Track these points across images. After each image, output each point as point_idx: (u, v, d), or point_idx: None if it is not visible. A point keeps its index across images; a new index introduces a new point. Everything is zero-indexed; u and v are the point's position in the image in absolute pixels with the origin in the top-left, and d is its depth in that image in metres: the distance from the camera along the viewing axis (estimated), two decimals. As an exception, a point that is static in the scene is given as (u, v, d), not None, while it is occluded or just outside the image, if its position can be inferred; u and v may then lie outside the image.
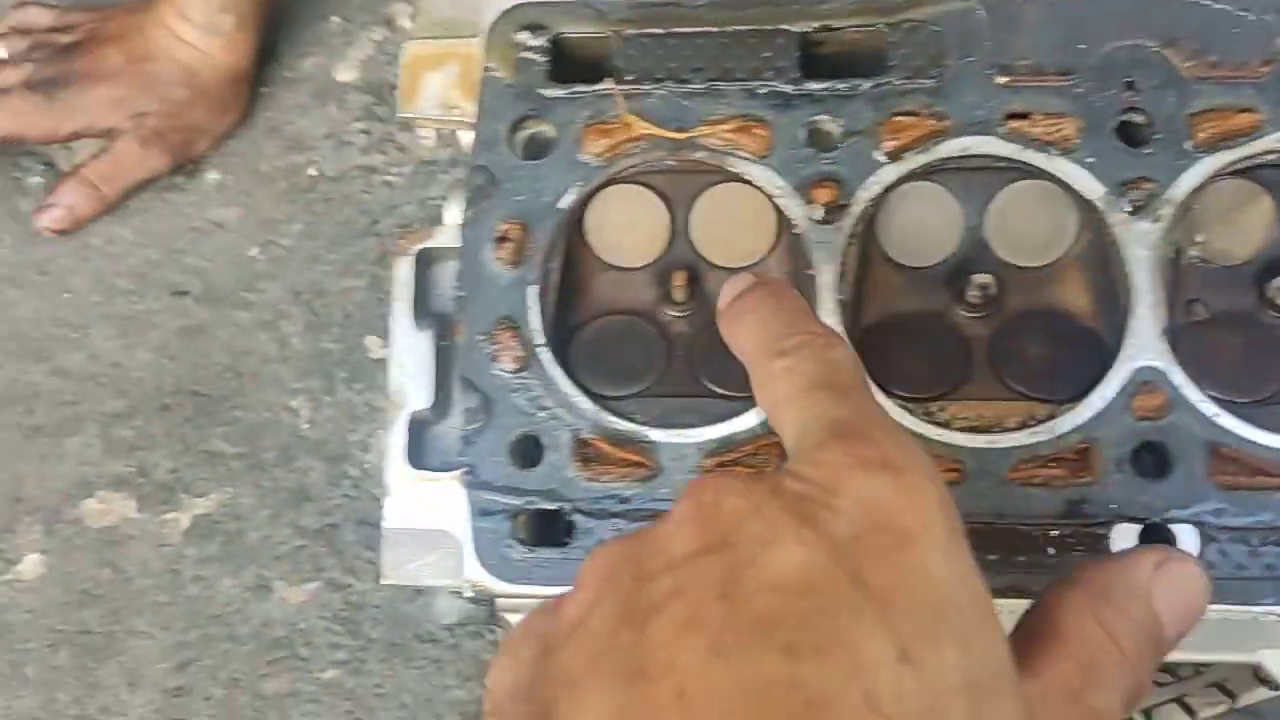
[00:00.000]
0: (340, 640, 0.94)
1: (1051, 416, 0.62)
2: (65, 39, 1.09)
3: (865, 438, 0.40)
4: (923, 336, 0.65)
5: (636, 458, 0.62)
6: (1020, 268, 0.66)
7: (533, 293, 0.64)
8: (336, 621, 0.95)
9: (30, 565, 0.98)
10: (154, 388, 1.03)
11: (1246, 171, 0.64)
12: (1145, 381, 0.61)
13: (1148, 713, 0.90)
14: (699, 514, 0.39)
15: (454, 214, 0.71)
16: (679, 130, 0.66)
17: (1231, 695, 0.86)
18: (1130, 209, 0.62)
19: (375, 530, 0.95)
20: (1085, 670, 0.41)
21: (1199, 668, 0.80)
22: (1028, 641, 0.41)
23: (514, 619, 0.65)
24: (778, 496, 0.38)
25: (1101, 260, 0.64)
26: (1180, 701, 0.87)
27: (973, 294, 0.65)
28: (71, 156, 1.12)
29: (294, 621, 0.95)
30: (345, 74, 1.14)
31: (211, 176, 1.11)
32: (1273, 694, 0.79)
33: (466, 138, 0.73)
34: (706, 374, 0.65)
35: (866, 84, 0.65)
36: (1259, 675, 0.66)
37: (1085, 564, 0.46)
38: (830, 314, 0.63)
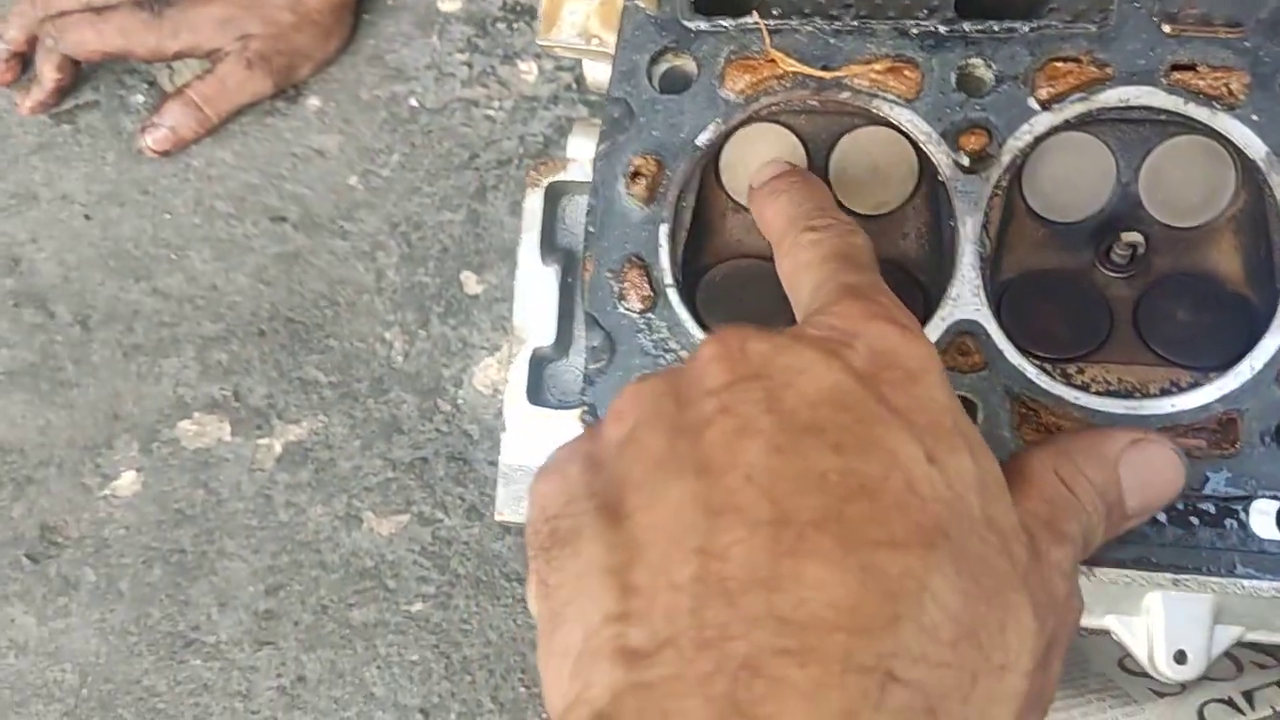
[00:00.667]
0: (428, 574, 0.95)
1: (1196, 385, 0.60)
2: (174, -43, 1.09)
3: (875, 300, 0.48)
4: (1064, 295, 0.64)
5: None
6: (1172, 228, 0.64)
7: (664, 231, 0.63)
8: (425, 555, 0.96)
9: (126, 482, 0.99)
10: (250, 313, 1.04)
11: None
12: (1302, 353, 0.59)
13: (1249, 695, 0.88)
14: (727, 354, 0.45)
15: (578, 147, 0.70)
16: (825, 69, 0.64)
17: (1341, 681, 0.84)
18: (1301, 171, 0.60)
19: (466, 466, 0.96)
20: (1050, 506, 0.48)
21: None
22: (1006, 481, 0.47)
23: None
24: (800, 339, 0.45)
25: (1259, 224, 0.62)
26: (1284, 685, 0.85)
27: (1120, 252, 0.63)
28: (175, 77, 1.12)
29: (382, 553, 0.96)
30: (448, 3, 1.13)
31: (313, 103, 1.11)
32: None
33: (593, 71, 0.72)
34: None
35: (1025, 26, 0.63)
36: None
37: (1067, 432, 0.54)
38: (970, 266, 0.61)
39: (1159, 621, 0.60)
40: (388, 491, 0.97)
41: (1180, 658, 0.64)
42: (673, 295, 0.63)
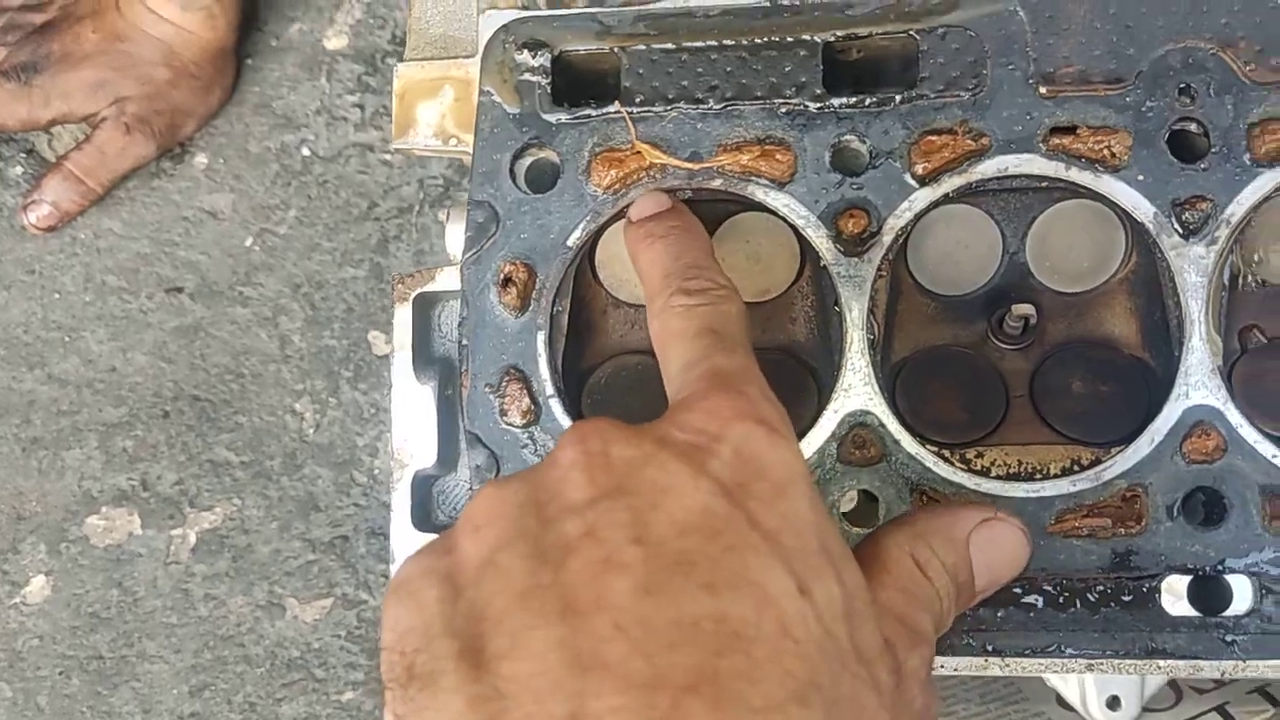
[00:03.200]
0: (356, 660, 0.96)
1: (1097, 461, 0.60)
2: (39, 18, 1.07)
3: (743, 393, 0.47)
4: (960, 373, 0.64)
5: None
6: (1063, 294, 0.64)
7: (541, 340, 0.63)
8: (351, 640, 0.96)
9: (36, 588, 0.99)
10: (152, 394, 1.03)
11: (1312, 186, 0.61)
12: (1198, 422, 0.59)
13: (1191, 722, 0.90)
14: (589, 461, 0.44)
15: (456, 239, 0.70)
16: (694, 158, 0.64)
17: (1274, 702, 0.86)
18: (1184, 231, 0.60)
19: (387, 541, 0.96)
20: (905, 596, 0.49)
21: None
22: (863, 566, 0.48)
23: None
24: (666, 446, 0.44)
25: (1152, 286, 0.62)
26: (1221, 710, 0.87)
27: (1012, 324, 0.63)
28: (54, 142, 1.11)
29: (308, 641, 0.96)
30: (334, 40, 1.12)
31: (200, 160, 1.10)
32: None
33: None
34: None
35: (897, 98, 0.63)
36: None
37: (920, 509, 0.56)
38: (859, 354, 0.61)
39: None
40: (309, 575, 0.97)
41: (1113, 704, 0.65)
42: (555, 406, 0.63)
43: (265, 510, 0.99)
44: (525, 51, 0.66)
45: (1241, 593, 0.59)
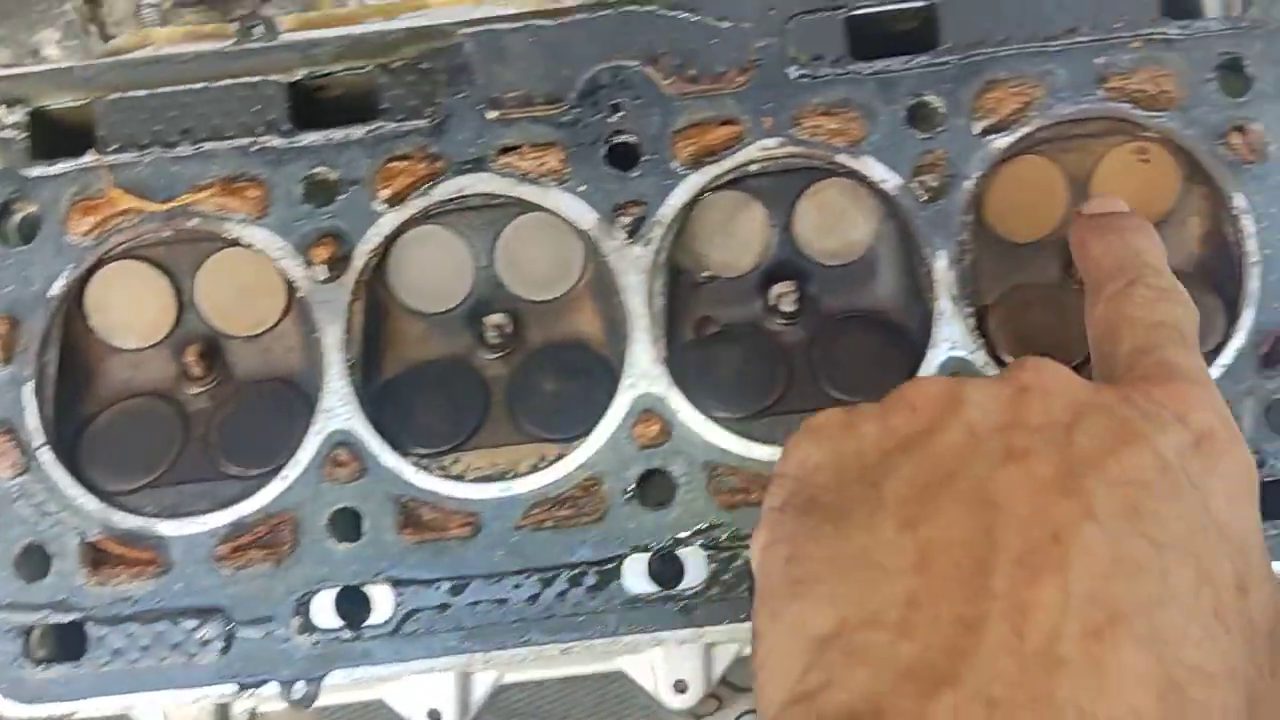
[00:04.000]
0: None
1: (561, 456, 0.65)
2: None
3: (1208, 391, 0.48)
4: (445, 386, 0.68)
5: (148, 554, 0.64)
6: (535, 303, 0.69)
7: (27, 391, 0.65)
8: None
9: None
10: None
11: (736, 182, 0.67)
12: (645, 410, 0.65)
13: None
14: (1045, 390, 0.46)
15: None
16: (169, 199, 0.67)
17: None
18: (624, 234, 0.66)
19: None
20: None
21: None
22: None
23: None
24: (1129, 404, 0.45)
25: (607, 288, 0.67)
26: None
27: (490, 335, 0.68)
28: None
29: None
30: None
31: None
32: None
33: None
34: (224, 453, 0.67)
35: (360, 130, 0.67)
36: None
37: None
38: (338, 376, 0.65)
39: (659, 655, 0.66)
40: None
41: (680, 686, 0.70)
42: (45, 456, 0.65)
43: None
44: (1, 108, 0.68)
45: (695, 565, 0.64)
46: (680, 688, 0.69)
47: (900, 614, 0.40)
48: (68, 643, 0.64)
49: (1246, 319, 0.65)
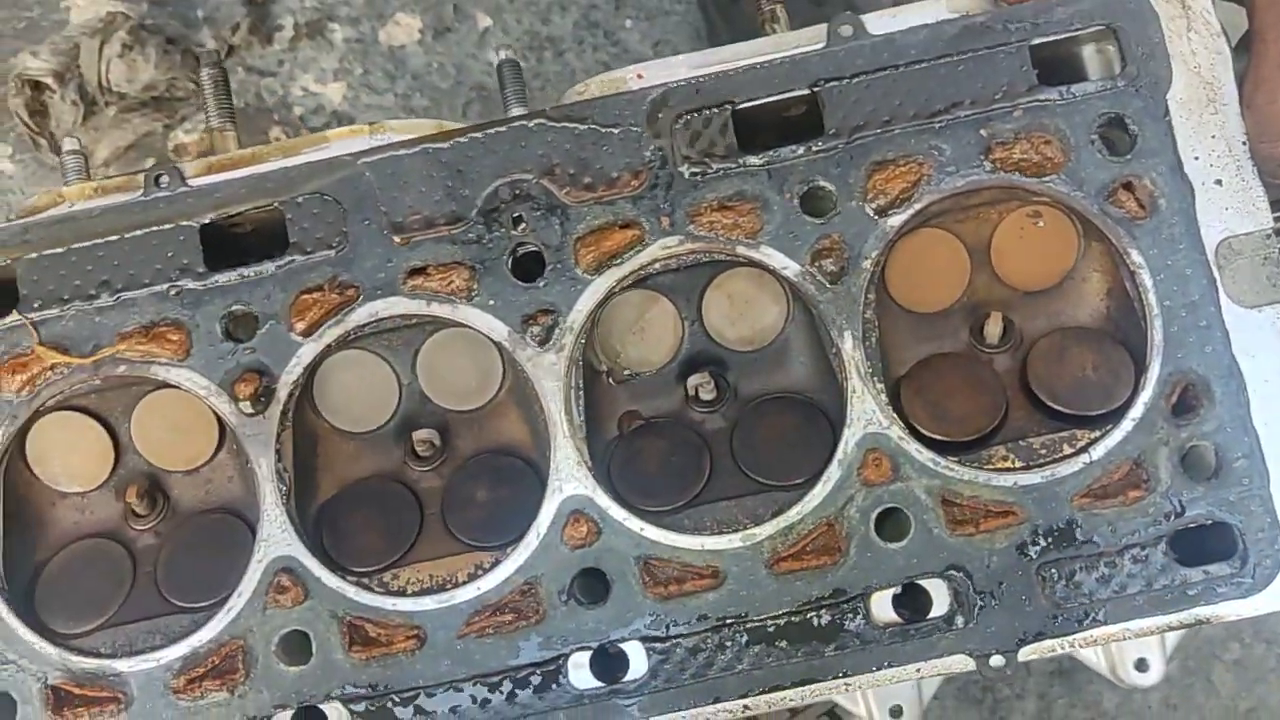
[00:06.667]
0: None
1: (497, 562, 0.69)
2: None
3: None
4: (380, 504, 0.72)
5: (108, 693, 0.68)
6: (461, 413, 0.73)
7: (-24, 542, 0.69)
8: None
9: None
10: None
11: (643, 281, 0.70)
12: (573, 511, 0.68)
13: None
14: None
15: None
16: (94, 351, 0.70)
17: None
18: (536, 343, 0.69)
19: None
20: None
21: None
22: None
23: None
24: None
25: (531, 398, 0.70)
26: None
27: (420, 448, 0.71)
28: None
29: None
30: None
31: None
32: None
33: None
34: (171, 589, 0.71)
35: (271, 266, 0.70)
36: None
37: None
38: (274, 505, 0.69)
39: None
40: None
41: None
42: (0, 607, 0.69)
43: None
44: (-78, 277, 0.71)
45: (637, 659, 0.68)
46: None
47: None
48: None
49: (1154, 371, 0.68)
